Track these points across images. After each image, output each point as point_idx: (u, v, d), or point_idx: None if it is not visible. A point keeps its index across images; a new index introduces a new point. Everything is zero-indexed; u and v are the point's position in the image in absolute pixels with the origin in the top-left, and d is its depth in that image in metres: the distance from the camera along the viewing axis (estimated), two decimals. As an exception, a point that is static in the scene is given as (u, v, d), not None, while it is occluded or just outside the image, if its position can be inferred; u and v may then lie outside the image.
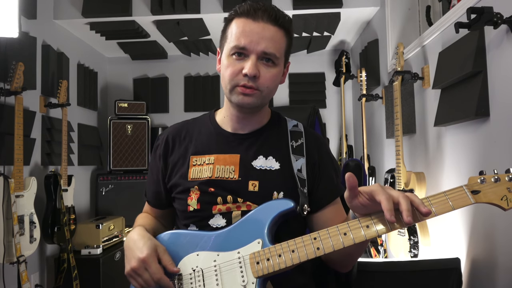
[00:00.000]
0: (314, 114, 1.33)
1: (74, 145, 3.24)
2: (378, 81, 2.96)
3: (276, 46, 0.94)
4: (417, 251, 1.94)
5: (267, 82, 0.94)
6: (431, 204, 0.77)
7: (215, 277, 0.87)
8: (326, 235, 0.81)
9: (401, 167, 2.06)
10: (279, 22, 0.94)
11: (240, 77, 0.93)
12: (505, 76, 1.47)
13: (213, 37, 3.51)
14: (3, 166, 2.18)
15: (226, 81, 0.96)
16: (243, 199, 0.96)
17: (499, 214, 1.52)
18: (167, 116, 4.01)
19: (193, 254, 0.91)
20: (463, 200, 0.77)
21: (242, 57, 0.93)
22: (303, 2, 2.88)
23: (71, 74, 3.22)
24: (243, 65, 0.92)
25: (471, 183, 0.78)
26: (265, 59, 0.93)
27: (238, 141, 1.03)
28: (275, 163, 1.00)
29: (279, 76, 0.99)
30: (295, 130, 1.04)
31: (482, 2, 1.59)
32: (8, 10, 1.95)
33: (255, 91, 0.94)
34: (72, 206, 2.78)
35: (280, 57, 0.96)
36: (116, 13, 2.93)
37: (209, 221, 0.97)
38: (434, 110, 1.99)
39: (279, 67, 0.97)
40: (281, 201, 0.91)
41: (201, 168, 1.01)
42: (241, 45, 0.92)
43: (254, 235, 0.88)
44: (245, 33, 0.92)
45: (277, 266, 0.83)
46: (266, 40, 0.92)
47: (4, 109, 2.26)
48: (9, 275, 2.19)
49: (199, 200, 0.98)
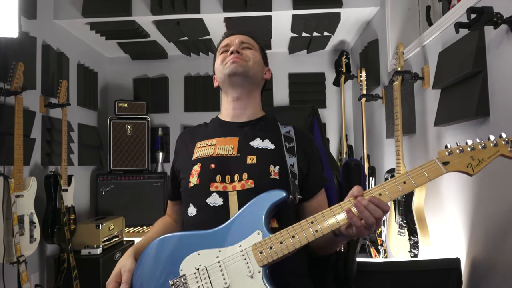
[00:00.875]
0: (313, 114, 1.37)
1: (74, 145, 3.24)
2: (378, 81, 2.96)
3: (249, 41, 1.21)
4: (417, 251, 1.94)
5: (249, 56, 1.16)
6: (410, 178, 0.87)
7: (220, 273, 0.88)
8: (322, 217, 0.88)
9: (401, 167, 2.06)
10: (249, 34, 1.25)
11: (227, 57, 1.15)
12: (505, 76, 1.47)
13: (213, 37, 3.51)
14: (3, 166, 2.18)
15: (218, 66, 1.17)
16: (239, 174, 1.03)
17: (499, 214, 1.53)
18: (167, 116, 4.01)
19: (194, 254, 0.91)
20: (436, 171, 0.87)
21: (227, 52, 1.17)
22: (303, 2, 2.88)
23: (71, 74, 3.22)
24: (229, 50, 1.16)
25: (441, 156, 0.89)
26: (244, 47, 1.18)
27: (237, 127, 1.16)
28: (271, 144, 1.11)
29: (259, 57, 1.20)
30: (287, 135, 1.14)
31: (482, 2, 1.59)
32: (8, 10, 1.95)
33: (241, 60, 1.13)
34: (72, 206, 2.78)
35: (255, 46, 1.21)
36: (116, 13, 2.93)
37: (206, 200, 1.02)
38: (434, 110, 1.99)
39: (257, 52, 1.21)
40: (274, 192, 0.95)
41: (203, 149, 1.13)
42: (224, 44, 1.20)
43: (253, 227, 0.91)
44: (226, 40, 1.21)
45: (280, 252, 0.87)
46: (241, 37, 1.21)
47: (4, 109, 2.26)
48: (9, 275, 2.19)
49: (199, 176, 1.06)
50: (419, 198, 1.97)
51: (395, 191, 0.88)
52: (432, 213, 2.06)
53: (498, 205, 1.54)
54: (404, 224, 2.02)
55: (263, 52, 1.26)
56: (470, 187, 1.74)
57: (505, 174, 1.47)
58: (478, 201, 1.68)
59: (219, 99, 3.98)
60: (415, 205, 1.97)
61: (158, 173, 3.59)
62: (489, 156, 0.87)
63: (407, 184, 0.88)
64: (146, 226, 3.44)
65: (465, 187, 1.77)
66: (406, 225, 2.01)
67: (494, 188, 1.56)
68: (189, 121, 4.00)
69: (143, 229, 3.42)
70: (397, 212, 2.09)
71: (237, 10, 2.91)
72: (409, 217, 1.99)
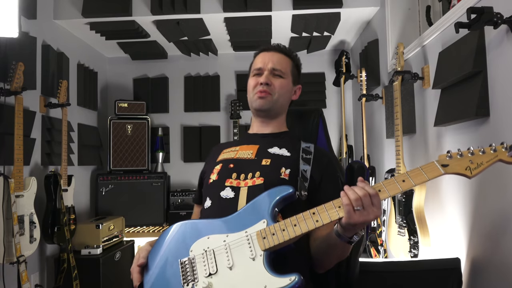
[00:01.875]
0: (318, 116, 1.41)
1: (74, 145, 3.23)
2: (378, 81, 2.96)
3: (282, 65, 1.28)
4: (417, 251, 1.94)
5: (277, 87, 1.26)
6: (409, 177, 0.92)
7: (225, 254, 0.96)
8: (323, 209, 0.94)
9: (401, 167, 2.06)
10: (284, 51, 1.32)
11: (258, 86, 1.26)
12: (505, 76, 1.47)
13: (213, 37, 3.52)
14: (3, 166, 2.18)
15: (250, 91, 1.29)
16: (253, 173, 1.14)
17: (499, 214, 1.53)
18: (167, 116, 4.01)
19: (204, 238, 1.01)
20: (435, 172, 0.91)
21: (259, 75, 1.28)
22: (303, 2, 2.88)
23: (71, 74, 3.22)
24: (259, 79, 1.27)
25: (441, 159, 0.93)
26: (275, 74, 1.27)
27: (259, 138, 1.29)
28: (287, 152, 1.21)
29: (287, 86, 1.29)
30: (306, 149, 1.22)
31: (482, 2, 1.59)
32: (8, 10, 1.95)
33: (268, 95, 1.24)
34: (72, 206, 2.78)
35: (286, 72, 1.29)
36: (116, 13, 2.93)
37: (220, 193, 1.14)
38: (434, 110, 1.99)
39: (287, 80, 1.29)
40: (281, 187, 1.02)
41: (227, 153, 1.28)
42: (257, 67, 1.29)
43: (259, 216, 0.99)
44: (260, 59, 1.30)
45: (282, 238, 0.93)
46: (274, 61, 1.28)
47: (4, 109, 2.26)
48: (9, 275, 2.19)
49: (218, 173, 1.20)
50: (419, 198, 1.97)
51: (394, 188, 0.92)
52: (432, 213, 2.06)
53: (498, 205, 1.54)
54: (404, 224, 2.02)
55: (296, 69, 1.34)
56: (470, 188, 1.74)
57: (505, 174, 1.47)
58: (478, 201, 1.68)
59: (219, 99, 3.99)
60: (415, 205, 1.97)
61: (158, 173, 3.59)
62: (488, 161, 0.90)
63: (406, 183, 0.92)
64: (146, 226, 3.44)
65: (465, 187, 1.77)
66: (406, 225, 2.01)
67: (494, 188, 1.56)
68: (189, 121, 4.00)
69: (143, 229, 3.42)
70: (397, 212, 2.09)
71: (237, 10, 2.91)
72: (409, 217, 1.99)
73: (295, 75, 1.34)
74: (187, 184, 3.91)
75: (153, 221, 3.46)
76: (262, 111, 1.27)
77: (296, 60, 1.35)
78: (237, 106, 3.74)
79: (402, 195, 2.03)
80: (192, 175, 3.94)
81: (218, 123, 3.98)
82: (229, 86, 4.02)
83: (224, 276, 0.93)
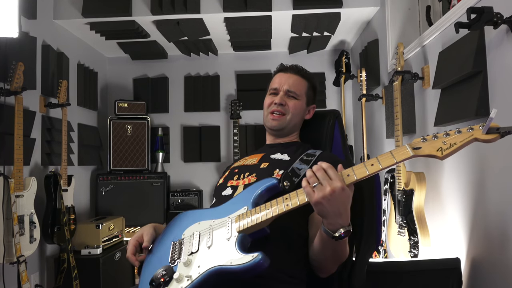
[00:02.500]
0: (334, 119, 1.43)
1: (74, 145, 3.23)
2: (378, 81, 2.96)
3: (296, 87, 1.36)
4: (417, 251, 1.94)
5: (290, 108, 1.35)
6: (378, 161, 0.91)
7: (208, 235, 1.07)
8: (295, 194, 0.98)
9: (401, 167, 2.06)
10: (301, 73, 1.40)
11: (272, 105, 1.36)
12: (505, 76, 1.47)
13: (213, 37, 3.52)
14: (3, 166, 2.18)
15: (265, 108, 1.39)
16: (250, 173, 1.24)
17: (499, 214, 1.52)
18: (167, 116, 4.01)
19: (195, 224, 1.14)
20: (404, 154, 0.89)
21: (275, 94, 1.37)
22: (303, 2, 2.88)
23: (71, 74, 3.22)
24: (275, 98, 1.36)
25: (414, 142, 0.90)
26: (289, 95, 1.35)
27: (268, 147, 1.39)
28: (287, 157, 1.28)
29: (300, 107, 1.37)
30: (311, 153, 1.25)
31: (482, 2, 1.59)
32: (8, 10, 1.95)
33: (281, 116, 1.34)
34: (72, 206, 2.78)
35: (300, 94, 1.36)
36: (116, 13, 2.93)
37: (222, 192, 1.25)
38: (434, 110, 1.99)
39: (300, 101, 1.37)
40: (267, 179, 1.10)
41: (238, 162, 1.40)
42: (274, 86, 1.38)
43: (243, 204, 1.08)
44: (277, 80, 1.39)
45: (255, 221, 0.99)
46: (289, 83, 1.36)
47: (4, 109, 2.26)
48: (9, 275, 2.19)
49: (225, 178, 1.32)
50: (419, 198, 1.97)
51: (362, 172, 0.92)
52: (432, 213, 2.06)
53: (498, 205, 1.54)
54: (404, 224, 2.02)
55: (312, 90, 1.41)
56: (470, 187, 1.74)
57: (505, 174, 1.47)
58: (478, 201, 1.68)
59: (219, 99, 3.99)
60: (415, 205, 1.97)
61: (158, 173, 3.59)
62: (461, 140, 0.85)
63: (374, 166, 0.91)
64: (146, 226, 3.44)
65: (465, 187, 1.77)
66: (406, 225, 2.01)
67: (494, 188, 1.56)
68: (189, 121, 4.00)
69: (143, 229, 3.42)
70: (397, 212, 2.09)
71: (237, 10, 2.91)
72: (409, 217, 1.99)
73: (310, 96, 1.40)
74: (187, 184, 3.91)
75: (153, 221, 3.37)
76: (274, 131, 1.37)
77: (313, 82, 1.42)
78: (237, 106, 3.74)
79: (402, 195, 2.03)
80: (192, 175, 3.94)
81: (218, 123, 3.98)
82: (229, 86, 4.02)
83: (203, 253, 1.04)
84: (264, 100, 1.41)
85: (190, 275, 0.99)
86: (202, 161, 3.94)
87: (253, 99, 3.88)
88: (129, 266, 3.10)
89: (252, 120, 3.95)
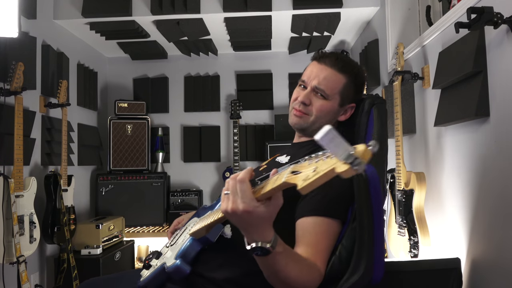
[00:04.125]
0: (369, 105, 1.17)
1: (74, 145, 3.23)
2: (378, 81, 2.96)
3: (327, 84, 1.16)
4: (417, 251, 1.94)
5: (315, 109, 1.17)
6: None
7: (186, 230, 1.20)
8: (216, 212, 0.94)
9: (401, 167, 2.06)
10: (338, 66, 1.17)
11: (296, 102, 1.20)
12: (505, 76, 1.47)
13: (213, 37, 3.51)
14: (3, 166, 2.18)
15: (291, 102, 1.24)
16: None
17: (499, 214, 1.52)
18: (167, 116, 4.01)
19: (194, 219, 1.24)
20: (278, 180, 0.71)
21: (303, 88, 1.20)
22: (303, 2, 2.88)
23: (71, 74, 3.21)
24: (300, 93, 1.19)
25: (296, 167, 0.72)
26: (317, 92, 1.17)
27: (288, 148, 1.31)
28: (286, 159, 1.21)
29: (329, 110, 1.17)
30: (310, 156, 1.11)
31: (482, 2, 1.59)
32: (8, 10, 1.95)
33: (303, 114, 1.18)
34: (72, 206, 2.78)
35: (331, 94, 1.16)
36: (116, 13, 2.93)
37: None
38: (434, 110, 1.99)
39: (330, 102, 1.17)
40: None
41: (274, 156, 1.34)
42: (303, 78, 1.21)
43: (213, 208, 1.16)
44: (308, 71, 1.20)
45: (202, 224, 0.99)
46: (320, 79, 1.16)
47: (4, 109, 2.26)
48: (9, 275, 2.19)
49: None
50: (419, 198, 1.97)
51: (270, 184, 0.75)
52: (432, 213, 2.06)
53: (499, 205, 1.54)
54: (404, 224, 2.02)
55: (352, 86, 1.17)
56: (470, 187, 1.74)
57: (506, 174, 1.47)
58: (478, 201, 1.68)
59: (219, 99, 3.99)
60: (415, 205, 1.97)
61: (158, 173, 3.59)
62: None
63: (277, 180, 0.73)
64: (146, 226, 3.44)
65: (465, 187, 1.77)
66: (406, 225, 2.01)
67: (494, 188, 1.56)
68: (189, 121, 4.00)
69: (143, 229, 3.42)
70: (397, 212, 2.09)
71: (237, 10, 2.91)
72: (409, 217, 1.99)
73: (346, 95, 1.17)
74: (187, 184, 3.91)
75: (153, 221, 3.46)
76: (296, 128, 1.25)
77: (353, 76, 1.18)
78: (237, 106, 3.74)
79: (402, 195, 2.03)
80: (192, 175, 3.94)
81: (218, 123, 3.98)
82: (229, 86, 4.02)
83: (174, 245, 1.16)
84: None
85: (156, 265, 1.14)
86: (202, 161, 3.94)
87: (253, 99, 3.88)
88: (129, 266, 3.10)
89: (252, 120, 3.95)
